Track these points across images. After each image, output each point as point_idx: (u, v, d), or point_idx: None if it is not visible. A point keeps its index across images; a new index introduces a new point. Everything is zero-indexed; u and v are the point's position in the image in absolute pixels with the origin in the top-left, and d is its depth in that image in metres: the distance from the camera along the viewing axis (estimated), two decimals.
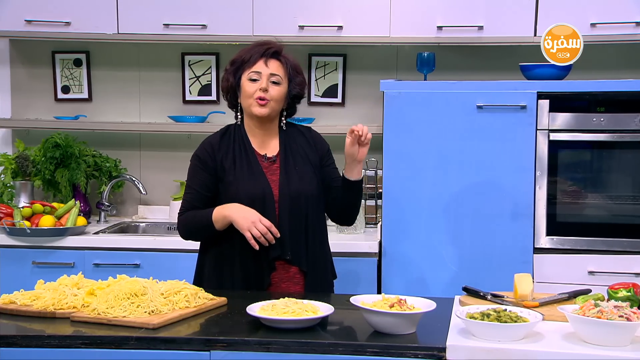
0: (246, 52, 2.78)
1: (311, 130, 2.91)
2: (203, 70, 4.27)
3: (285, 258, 2.70)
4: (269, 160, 2.77)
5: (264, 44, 2.78)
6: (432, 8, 3.73)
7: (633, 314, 2.04)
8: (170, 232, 4.15)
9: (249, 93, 2.72)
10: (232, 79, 2.78)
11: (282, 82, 2.74)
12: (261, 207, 2.67)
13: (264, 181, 2.72)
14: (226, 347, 2.13)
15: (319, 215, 2.79)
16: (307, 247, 2.73)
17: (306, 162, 2.79)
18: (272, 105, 2.72)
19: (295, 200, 2.72)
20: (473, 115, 3.49)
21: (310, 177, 2.77)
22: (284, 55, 2.78)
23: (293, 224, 2.71)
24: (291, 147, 2.80)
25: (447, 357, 2.07)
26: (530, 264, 3.48)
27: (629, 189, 3.54)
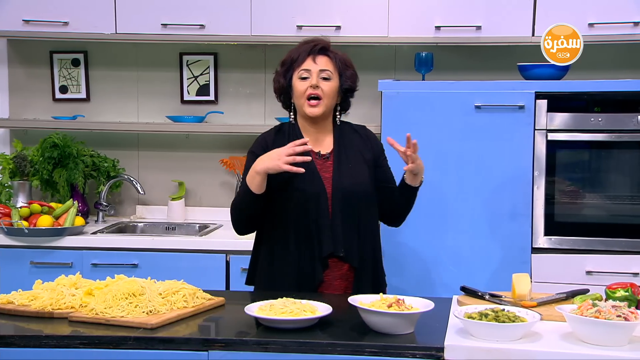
0: (294, 51, 2.77)
1: (366, 128, 2.91)
2: (201, 70, 4.27)
3: (338, 255, 2.69)
4: (322, 157, 2.77)
5: (311, 41, 2.78)
6: (431, 8, 3.74)
7: (631, 314, 2.05)
8: (168, 232, 4.15)
9: (300, 92, 2.72)
10: (283, 80, 2.77)
11: (332, 77, 2.73)
12: (315, 204, 2.68)
13: (318, 178, 2.72)
14: (224, 347, 2.13)
15: (371, 213, 2.79)
16: (359, 244, 2.73)
17: (360, 160, 2.79)
18: (324, 103, 2.72)
19: (348, 197, 2.71)
20: (471, 115, 3.49)
21: (363, 175, 2.77)
22: (332, 50, 2.77)
23: (346, 221, 2.70)
24: (345, 145, 2.79)
25: (445, 357, 2.07)
26: (528, 263, 3.48)
27: (627, 189, 3.54)
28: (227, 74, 4.28)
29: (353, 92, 2.82)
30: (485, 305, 2.24)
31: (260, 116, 4.27)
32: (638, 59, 3.82)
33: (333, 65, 2.74)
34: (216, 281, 3.60)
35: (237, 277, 3.62)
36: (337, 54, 2.78)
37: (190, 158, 4.33)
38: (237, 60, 4.26)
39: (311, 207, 2.67)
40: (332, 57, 2.75)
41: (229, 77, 4.29)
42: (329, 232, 2.67)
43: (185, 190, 4.29)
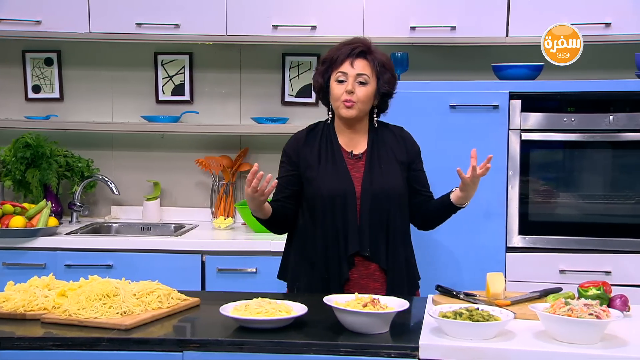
0: (334, 51, 2.76)
1: (403, 130, 2.90)
2: (176, 70, 4.25)
3: (364, 254, 2.70)
4: (354, 157, 2.78)
5: (351, 42, 2.75)
6: (406, 8, 3.75)
7: (602, 312, 2.07)
8: (143, 232, 4.13)
9: (336, 95, 2.72)
10: (322, 80, 2.77)
11: (369, 81, 2.72)
12: (342, 203, 2.69)
13: (347, 178, 2.73)
14: (199, 348, 2.12)
15: (402, 214, 2.78)
16: (388, 245, 2.73)
17: (393, 160, 2.79)
18: (359, 107, 2.72)
19: (377, 197, 2.72)
20: (446, 115, 3.51)
21: (395, 176, 2.77)
22: (371, 53, 2.74)
23: (374, 221, 2.71)
24: (379, 146, 2.80)
25: (420, 356, 2.08)
26: (502, 262, 3.50)
27: (600, 188, 3.58)
28: (203, 74, 4.27)
29: (390, 96, 2.81)
30: (460, 305, 2.25)
31: (236, 116, 4.26)
32: (610, 59, 3.86)
33: (371, 69, 2.72)
34: (192, 281, 3.59)
35: (213, 277, 3.61)
36: (377, 56, 2.75)
37: (165, 158, 4.30)
38: (213, 60, 4.24)
39: (338, 206, 2.69)
40: (371, 61, 2.73)
41: (204, 77, 4.27)
42: (356, 231, 2.69)
43: (160, 190, 4.26)
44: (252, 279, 3.61)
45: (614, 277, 3.38)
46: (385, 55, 2.79)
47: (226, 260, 3.63)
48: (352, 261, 2.70)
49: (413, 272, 2.83)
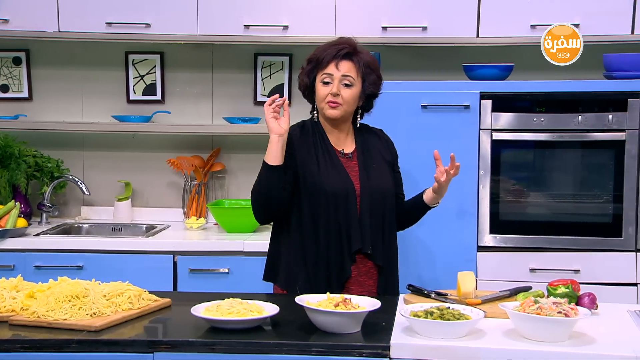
0: (320, 51, 2.75)
1: (383, 132, 2.93)
2: (147, 70, 4.22)
3: (366, 252, 2.70)
4: (346, 156, 2.78)
5: (338, 43, 2.74)
6: (377, 8, 3.76)
7: (571, 310, 2.09)
8: (114, 233, 4.09)
9: (321, 96, 2.72)
10: (307, 80, 2.77)
11: (354, 83, 2.72)
12: (344, 201, 2.68)
13: (346, 176, 2.72)
14: (170, 349, 2.11)
15: (393, 212, 2.81)
16: (384, 243, 2.75)
17: (381, 161, 2.82)
18: (344, 108, 2.72)
19: (375, 195, 2.73)
20: (418, 115, 3.52)
21: (387, 176, 2.80)
22: (357, 54, 2.73)
23: (373, 219, 2.72)
24: (367, 145, 2.82)
25: (392, 356, 2.08)
26: (474, 262, 3.53)
27: (570, 187, 3.61)
28: (174, 74, 4.25)
29: (375, 97, 2.83)
30: (431, 304, 2.26)
31: (208, 116, 4.24)
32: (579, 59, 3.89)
33: (356, 70, 2.72)
34: (164, 282, 3.57)
35: (185, 277, 3.59)
36: (362, 57, 2.74)
37: (136, 158, 4.28)
38: (184, 60, 4.23)
39: (340, 204, 2.68)
40: (356, 62, 2.72)
41: (176, 77, 4.25)
42: (357, 228, 2.69)
43: (131, 190, 4.24)
44: (225, 279, 3.59)
45: (583, 276, 3.42)
46: (371, 56, 2.79)
47: (198, 260, 3.61)
48: (354, 258, 2.70)
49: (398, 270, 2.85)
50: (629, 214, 3.45)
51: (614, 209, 3.48)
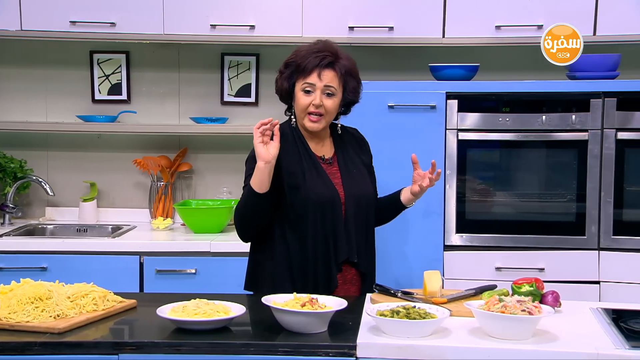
0: (301, 58, 2.66)
1: (358, 132, 2.90)
2: (113, 69, 4.19)
3: (353, 260, 2.68)
4: (326, 162, 2.75)
5: (319, 50, 2.66)
6: (344, 8, 3.77)
7: (535, 308, 2.11)
8: (79, 234, 4.05)
9: (302, 106, 2.66)
10: (287, 84, 2.70)
11: (336, 92, 2.67)
12: (330, 209, 2.65)
13: (331, 184, 2.69)
14: (135, 350, 2.10)
15: (373, 217, 2.80)
16: (367, 249, 2.73)
17: (360, 164, 2.80)
18: (326, 119, 2.69)
19: (359, 202, 2.71)
20: (385, 115, 3.54)
21: (366, 180, 2.78)
22: (338, 61, 2.67)
23: (357, 227, 2.70)
24: (345, 149, 2.79)
25: (358, 355, 2.09)
26: (441, 261, 3.55)
27: (534, 187, 3.65)
28: (140, 73, 4.22)
29: (355, 104, 2.79)
30: (397, 303, 2.27)
31: (174, 116, 4.22)
32: (543, 60, 3.94)
33: (338, 79, 2.67)
34: (130, 283, 3.54)
35: (152, 278, 3.57)
36: (343, 64, 2.68)
37: (102, 158, 4.24)
38: (150, 59, 4.20)
39: (327, 214, 2.64)
40: (338, 71, 2.66)
41: (142, 76, 4.22)
42: (344, 237, 2.66)
43: (97, 191, 4.20)
44: (192, 280, 3.58)
45: (547, 274, 3.46)
46: (351, 61, 2.73)
47: (165, 261, 3.59)
48: (340, 267, 2.67)
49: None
50: (592, 213, 3.50)
51: (578, 208, 3.53)
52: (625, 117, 3.48)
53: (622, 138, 3.47)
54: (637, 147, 3.48)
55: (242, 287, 3.46)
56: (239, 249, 3.58)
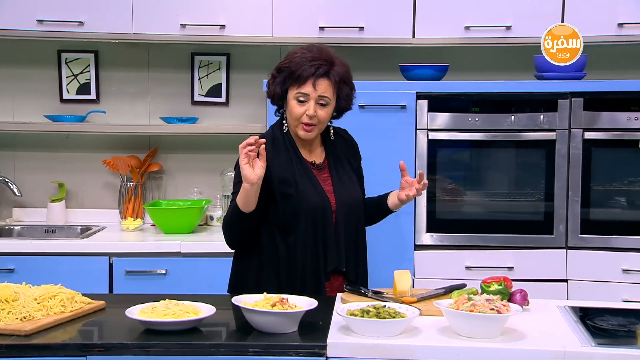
0: (295, 65, 2.61)
1: (347, 133, 2.87)
2: (81, 69, 4.15)
3: (341, 269, 2.66)
4: (317, 167, 2.71)
5: (314, 58, 2.61)
6: (315, 8, 3.76)
7: (503, 307, 2.13)
8: (48, 235, 4.01)
9: (296, 115, 2.62)
10: (280, 91, 2.66)
11: (330, 102, 2.63)
12: (321, 217, 2.62)
13: (322, 191, 2.66)
14: (104, 352, 2.08)
15: (364, 224, 2.78)
16: (357, 256, 2.71)
17: (350, 170, 2.77)
18: (319, 128, 2.66)
19: (350, 209, 2.68)
20: (355, 115, 3.50)
21: (356, 186, 2.75)
22: (333, 69, 2.62)
23: (347, 235, 2.67)
24: (336, 154, 2.76)
25: (328, 355, 2.09)
26: (411, 260, 3.57)
27: (504, 186, 3.68)
28: (109, 73, 4.18)
29: (347, 110, 2.76)
30: (368, 302, 2.28)
31: (144, 116, 4.19)
32: (511, 61, 3.98)
33: (332, 89, 2.62)
34: (99, 284, 3.51)
35: (121, 279, 3.54)
36: (338, 71, 2.63)
37: (70, 159, 4.20)
38: (120, 59, 4.16)
39: (318, 220, 2.61)
40: (332, 79, 2.61)
41: (111, 76, 4.19)
42: (334, 246, 2.64)
43: (65, 191, 4.16)
44: (162, 281, 3.55)
45: (516, 273, 3.49)
46: (346, 66, 2.68)
47: (135, 262, 3.56)
48: (328, 276, 2.65)
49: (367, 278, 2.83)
50: (560, 212, 3.54)
51: (546, 207, 3.57)
52: (592, 117, 3.52)
53: (589, 138, 3.52)
54: (604, 147, 3.53)
55: (212, 287, 3.47)
56: (209, 250, 3.58)
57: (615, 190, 3.57)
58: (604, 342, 2.09)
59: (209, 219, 4.09)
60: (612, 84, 3.52)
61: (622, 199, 3.57)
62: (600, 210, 3.56)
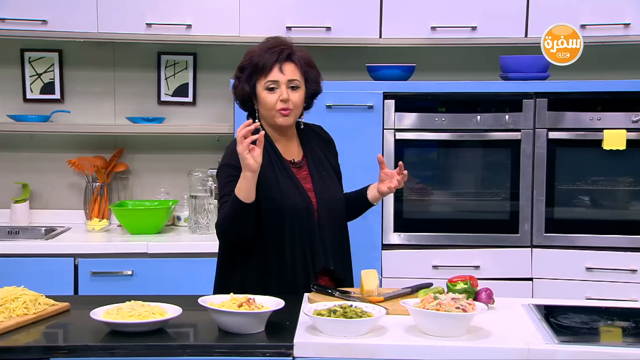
0: (257, 57, 2.60)
1: (322, 129, 2.85)
2: (45, 68, 4.10)
3: (329, 268, 2.64)
4: (296, 166, 2.69)
5: (274, 46, 2.61)
6: (282, 8, 3.76)
7: (469, 305, 2.14)
8: (11, 236, 3.95)
9: (269, 105, 2.60)
10: (248, 87, 2.62)
11: (300, 85, 2.63)
12: (305, 218, 2.59)
13: (304, 190, 2.63)
14: (68, 354, 2.05)
15: (345, 221, 2.76)
16: (343, 254, 2.69)
17: (329, 167, 2.74)
18: (295, 113, 2.63)
19: (332, 208, 2.66)
20: (323, 115, 3.53)
21: (336, 183, 2.72)
22: (296, 54, 2.63)
23: (331, 233, 2.65)
24: (313, 151, 2.73)
25: (295, 355, 2.09)
26: (379, 260, 3.58)
27: (471, 185, 3.71)
28: (74, 72, 4.14)
29: (317, 95, 2.75)
30: (335, 302, 2.28)
31: (110, 116, 4.15)
32: (477, 61, 4.02)
33: (300, 72, 2.62)
34: (64, 286, 3.48)
35: (87, 281, 3.51)
36: (301, 57, 2.64)
37: (34, 159, 4.15)
38: (85, 58, 4.12)
39: (303, 221, 2.59)
40: (298, 63, 2.62)
41: (76, 75, 4.14)
42: (320, 245, 2.62)
43: (29, 192, 4.11)
44: (128, 282, 3.53)
45: (483, 271, 3.52)
46: (307, 53, 2.70)
47: (100, 263, 3.53)
48: (317, 276, 2.64)
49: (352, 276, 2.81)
50: (525, 211, 3.58)
51: (511, 206, 3.60)
52: (556, 117, 3.56)
53: (553, 138, 3.56)
54: (568, 147, 3.57)
55: (179, 288, 3.46)
56: (176, 250, 3.57)
57: (579, 190, 3.61)
58: (567, 339, 2.12)
59: (176, 220, 4.06)
60: (575, 84, 3.56)
61: (585, 198, 3.62)
62: (565, 209, 3.60)
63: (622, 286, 3.52)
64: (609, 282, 3.53)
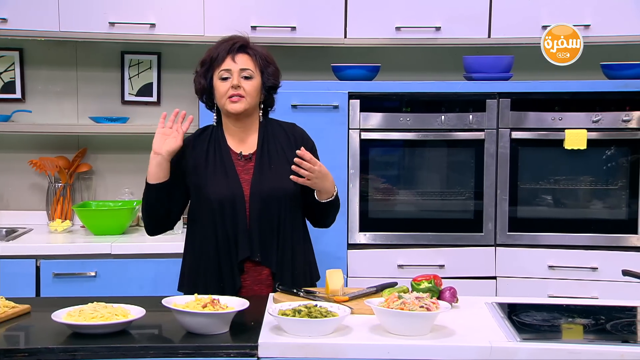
0: (213, 50, 2.70)
1: (295, 127, 2.84)
2: (5, 67, 4.04)
3: (254, 259, 2.64)
4: (244, 158, 2.70)
5: (229, 39, 2.71)
6: (246, 8, 3.75)
7: (432, 304, 2.16)
8: None
9: (221, 92, 2.66)
10: (204, 81, 2.71)
11: (254, 75, 2.68)
12: (231, 207, 2.62)
13: (235, 181, 2.65)
14: (28, 357, 2.03)
15: (294, 215, 2.72)
16: (278, 248, 2.68)
17: (284, 160, 2.71)
18: (247, 101, 2.66)
19: (267, 200, 2.65)
20: (288, 115, 3.50)
21: (286, 177, 2.67)
22: (252, 48, 2.71)
23: (264, 225, 2.65)
24: (269, 145, 2.73)
25: (260, 355, 2.08)
26: (344, 259, 3.59)
27: (435, 185, 3.74)
28: (35, 71, 4.08)
29: (276, 89, 2.79)
30: (300, 302, 2.28)
31: (73, 115, 4.11)
32: (441, 61, 4.04)
33: (254, 63, 2.69)
34: (26, 288, 3.43)
35: (49, 282, 3.46)
36: (258, 50, 2.72)
37: None
38: (46, 57, 4.07)
39: (227, 211, 2.63)
40: (253, 55, 2.70)
41: (37, 74, 4.09)
42: (246, 236, 2.63)
43: None
44: (92, 283, 3.49)
45: (447, 270, 3.55)
46: (266, 49, 2.77)
47: (63, 264, 3.49)
48: (242, 267, 2.65)
49: (311, 272, 2.81)
50: (489, 210, 3.61)
51: (475, 205, 3.63)
52: (519, 117, 3.60)
53: (516, 137, 3.60)
54: (530, 146, 3.61)
55: (143, 289, 3.45)
56: (140, 251, 3.54)
57: (542, 189, 3.66)
58: (529, 337, 2.14)
59: (140, 220, 4.03)
60: (537, 84, 3.61)
61: (548, 197, 3.67)
62: (527, 208, 3.64)
63: (583, 284, 3.57)
64: (570, 280, 3.58)
